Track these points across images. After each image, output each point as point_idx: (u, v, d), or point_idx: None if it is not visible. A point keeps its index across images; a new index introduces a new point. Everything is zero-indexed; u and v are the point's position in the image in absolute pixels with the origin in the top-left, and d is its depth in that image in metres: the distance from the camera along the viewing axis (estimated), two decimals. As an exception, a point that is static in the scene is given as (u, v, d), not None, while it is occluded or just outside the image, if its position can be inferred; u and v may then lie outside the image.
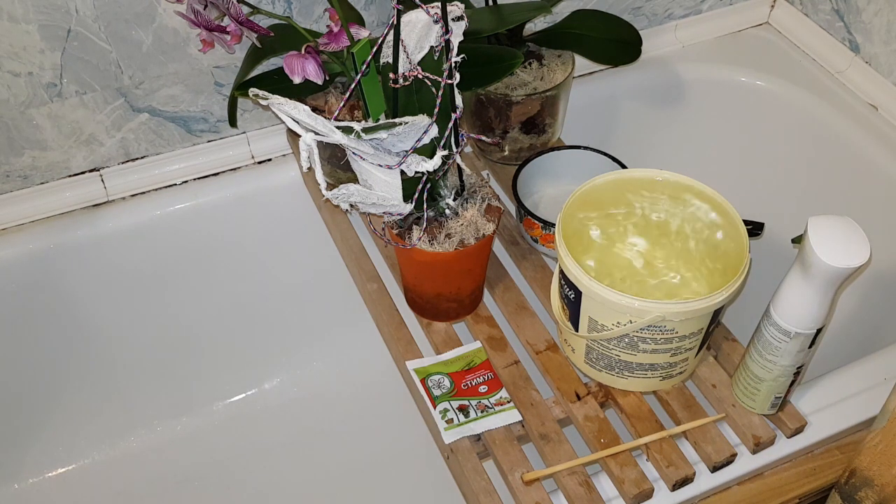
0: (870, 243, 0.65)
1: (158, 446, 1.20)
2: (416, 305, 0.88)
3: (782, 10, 1.27)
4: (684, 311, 0.69)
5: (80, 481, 1.17)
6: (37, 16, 0.89)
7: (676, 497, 0.74)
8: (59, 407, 1.16)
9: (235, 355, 1.23)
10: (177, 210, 1.07)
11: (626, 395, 0.80)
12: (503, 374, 0.82)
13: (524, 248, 0.94)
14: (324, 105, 0.93)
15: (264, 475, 1.19)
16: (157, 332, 1.17)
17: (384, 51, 0.72)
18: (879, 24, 1.11)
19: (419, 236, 0.78)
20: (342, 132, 0.63)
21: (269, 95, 0.62)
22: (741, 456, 0.77)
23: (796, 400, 0.80)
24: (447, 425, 0.77)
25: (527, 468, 0.75)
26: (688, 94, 1.22)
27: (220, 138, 1.09)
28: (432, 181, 0.77)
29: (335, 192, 0.69)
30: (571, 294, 0.74)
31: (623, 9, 1.19)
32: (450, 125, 0.72)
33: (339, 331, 1.26)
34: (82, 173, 1.05)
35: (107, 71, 0.97)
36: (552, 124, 1.01)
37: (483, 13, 0.91)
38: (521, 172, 0.94)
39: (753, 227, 0.77)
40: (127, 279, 1.10)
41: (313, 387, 1.26)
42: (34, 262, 1.03)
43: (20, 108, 0.96)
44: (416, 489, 1.16)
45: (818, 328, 0.69)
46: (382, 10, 1.04)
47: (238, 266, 1.16)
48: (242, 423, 1.23)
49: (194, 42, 0.98)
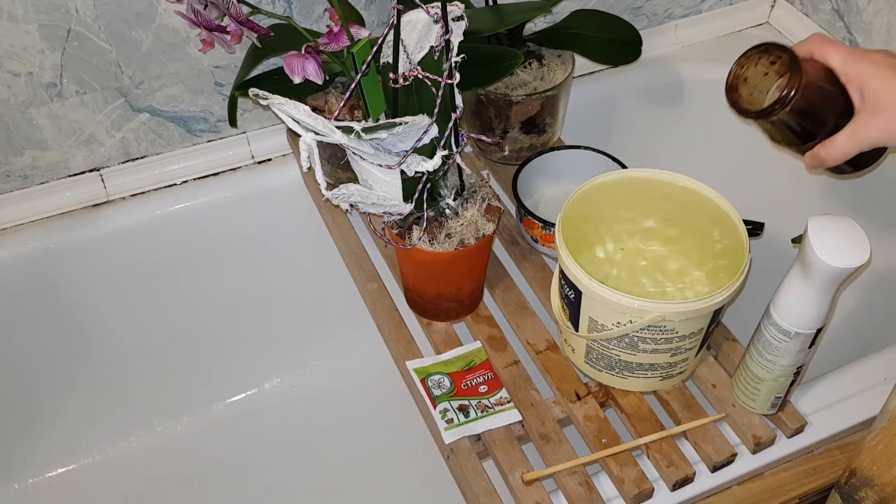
0: (870, 243, 0.65)
1: (158, 446, 1.20)
2: (416, 305, 0.88)
3: (782, 10, 1.27)
4: (684, 311, 0.69)
5: (80, 481, 1.17)
6: (37, 16, 0.89)
7: (676, 497, 0.74)
8: (60, 407, 1.16)
9: (235, 355, 1.23)
10: (177, 210, 1.07)
11: (626, 395, 0.80)
12: (503, 374, 0.82)
13: (524, 248, 0.94)
14: (324, 105, 0.93)
15: (264, 475, 1.19)
16: (156, 332, 1.17)
17: (384, 51, 0.72)
18: (879, 24, 1.11)
19: (419, 236, 0.78)
20: (342, 132, 0.63)
21: (269, 95, 0.62)
22: (741, 456, 0.77)
23: (796, 400, 0.80)
24: (447, 425, 0.77)
25: (527, 468, 0.75)
26: (688, 94, 1.22)
27: (220, 138, 1.09)
28: (432, 181, 0.77)
29: (335, 192, 0.69)
30: (571, 294, 0.74)
31: (623, 9, 1.19)
32: (450, 125, 0.72)
33: (339, 331, 1.26)
34: (82, 173, 1.05)
35: (107, 71, 0.97)
36: (552, 124, 1.01)
37: (483, 13, 0.91)
38: (521, 172, 0.94)
39: (753, 227, 0.77)
40: (127, 279, 1.10)
41: (313, 387, 1.26)
42: (34, 262, 1.03)
43: (20, 107, 0.96)
44: (416, 489, 1.16)
45: (818, 328, 0.69)
46: (382, 10, 1.04)
47: (238, 266, 1.16)
48: (242, 423, 1.23)
49: (194, 42, 0.98)
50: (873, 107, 0.69)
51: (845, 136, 0.71)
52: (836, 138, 0.71)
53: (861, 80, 0.69)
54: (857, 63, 0.69)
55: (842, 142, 0.71)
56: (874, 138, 0.69)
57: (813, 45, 0.72)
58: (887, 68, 0.68)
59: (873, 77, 0.68)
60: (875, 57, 0.69)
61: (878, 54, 0.70)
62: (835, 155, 0.72)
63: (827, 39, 0.72)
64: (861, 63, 0.69)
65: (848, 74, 0.70)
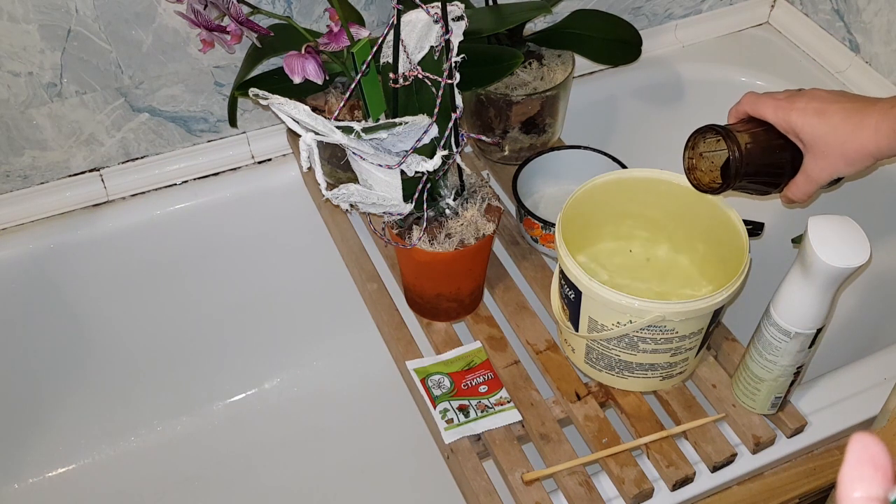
0: (870, 243, 0.65)
1: (158, 446, 1.20)
2: (416, 305, 0.88)
3: (782, 10, 1.27)
4: (684, 311, 0.69)
5: (80, 481, 1.17)
6: (37, 16, 0.89)
7: (676, 497, 0.74)
8: (59, 407, 1.16)
9: (235, 355, 1.23)
10: (177, 210, 1.07)
11: (626, 395, 0.80)
12: (503, 374, 0.82)
13: (524, 248, 0.94)
14: (324, 105, 0.93)
15: (264, 475, 1.19)
16: (156, 332, 1.17)
17: (384, 51, 0.72)
18: (879, 24, 1.11)
19: (419, 236, 0.78)
20: (342, 132, 0.63)
21: (269, 95, 0.62)
22: (741, 456, 0.77)
23: (796, 400, 0.80)
24: (447, 425, 0.77)
25: (527, 468, 0.75)
26: (688, 94, 1.22)
27: (220, 138, 1.09)
28: (432, 181, 0.77)
29: (335, 192, 0.69)
30: (571, 294, 0.74)
31: (623, 9, 1.19)
32: (450, 125, 0.72)
33: (339, 330, 1.26)
34: (82, 173, 1.05)
35: (107, 71, 0.97)
36: (552, 124, 1.01)
37: (483, 13, 0.91)
38: (521, 172, 0.94)
39: (753, 227, 0.77)
40: (127, 279, 1.10)
41: (313, 387, 1.26)
42: (34, 262, 1.04)
43: (20, 107, 0.96)
44: (416, 489, 1.16)
45: (818, 328, 0.69)
46: (382, 10, 1.04)
47: (238, 266, 1.16)
48: (242, 423, 1.23)
49: (194, 42, 0.98)
50: (814, 151, 0.71)
51: (801, 179, 0.74)
52: (795, 181, 0.75)
53: (795, 130, 0.72)
54: (786, 115, 0.72)
55: (801, 184, 0.74)
56: (826, 176, 0.72)
57: (746, 106, 0.75)
58: (812, 113, 0.70)
59: (804, 126, 0.71)
60: (799, 104, 0.71)
61: (803, 98, 0.72)
62: (800, 195, 0.75)
63: (757, 96, 0.75)
64: (790, 114, 0.71)
65: (783, 127, 0.73)
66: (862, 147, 0.68)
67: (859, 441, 0.27)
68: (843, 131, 0.69)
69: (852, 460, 0.27)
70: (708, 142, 0.76)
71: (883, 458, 0.27)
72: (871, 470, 0.26)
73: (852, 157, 0.69)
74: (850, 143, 0.69)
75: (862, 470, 0.26)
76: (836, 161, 0.70)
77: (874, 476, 0.26)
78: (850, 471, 0.27)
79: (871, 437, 0.27)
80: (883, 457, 0.27)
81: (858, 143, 0.68)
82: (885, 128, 0.67)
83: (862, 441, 0.27)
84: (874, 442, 0.27)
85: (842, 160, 0.70)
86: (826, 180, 0.73)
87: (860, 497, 0.26)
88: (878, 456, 0.27)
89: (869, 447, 0.27)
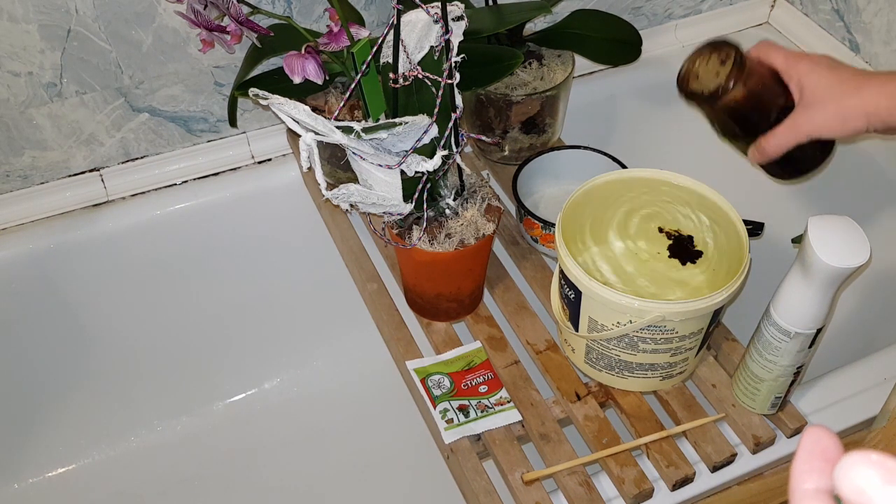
0: (870, 243, 0.65)
1: (158, 446, 1.20)
2: (416, 305, 0.88)
3: (782, 10, 1.27)
4: (684, 311, 0.69)
5: (80, 481, 1.17)
6: (37, 16, 0.89)
7: (676, 497, 0.74)
8: (59, 407, 1.16)
9: (235, 355, 1.23)
10: (177, 210, 1.07)
11: (626, 395, 0.80)
12: (503, 374, 0.82)
13: (524, 248, 0.94)
14: (324, 105, 0.93)
15: (264, 475, 1.19)
16: (156, 332, 1.17)
17: (384, 51, 0.72)
18: (879, 24, 1.11)
19: (419, 236, 0.78)
20: (342, 132, 0.63)
21: (269, 95, 0.62)
22: (741, 456, 0.77)
23: (796, 400, 0.80)
24: (447, 425, 0.77)
25: (527, 468, 0.75)
26: (688, 94, 1.22)
27: (220, 138, 1.09)
28: (432, 181, 0.77)
29: (335, 192, 0.69)
30: (571, 294, 0.74)
31: (623, 9, 1.19)
32: (450, 125, 0.72)
33: (339, 331, 1.26)
34: (82, 173, 1.05)
35: (107, 71, 0.97)
36: (552, 124, 1.01)
37: (483, 13, 0.91)
38: (521, 172, 0.94)
39: (753, 227, 0.77)
40: (127, 279, 1.10)
41: (313, 387, 1.26)
42: (34, 262, 1.03)
43: (20, 107, 0.96)
44: (416, 489, 1.16)
45: (818, 328, 0.69)
46: (382, 10, 1.04)
47: (238, 266, 1.16)
48: (242, 423, 1.23)
49: (194, 42, 0.98)
50: (810, 100, 0.74)
51: (784, 126, 0.76)
52: (776, 130, 0.76)
53: (800, 77, 0.74)
54: (797, 62, 0.75)
55: (781, 132, 0.76)
56: (810, 129, 0.74)
57: (759, 50, 0.78)
58: (825, 67, 0.74)
59: (810, 73, 0.74)
60: (814, 57, 0.75)
61: (818, 55, 0.76)
62: (775, 145, 0.76)
63: (772, 43, 0.78)
64: (801, 62, 0.75)
65: (789, 72, 0.75)
66: (862, 103, 0.71)
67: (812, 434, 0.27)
68: (847, 86, 0.72)
69: (804, 453, 0.27)
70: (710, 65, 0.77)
71: (834, 451, 0.27)
72: (822, 462, 0.26)
73: (848, 112, 0.72)
74: (849, 99, 0.71)
75: (813, 462, 0.26)
76: (830, 115, 0.73)
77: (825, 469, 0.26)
78: (801, 464, 0.27)
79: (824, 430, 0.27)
80: (835, 449, 0.27)
81: (859, 98, 0.71)
82: (889, 90, 0.70)
83: (814, 434, 0.27)
84: (827, 434, 0.27)
85: (837, 116, 0.72)
86: (807, 134, 0.74)
87: (810, 489, 0.26)
88: (830, 448, 0.27)
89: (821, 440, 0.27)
